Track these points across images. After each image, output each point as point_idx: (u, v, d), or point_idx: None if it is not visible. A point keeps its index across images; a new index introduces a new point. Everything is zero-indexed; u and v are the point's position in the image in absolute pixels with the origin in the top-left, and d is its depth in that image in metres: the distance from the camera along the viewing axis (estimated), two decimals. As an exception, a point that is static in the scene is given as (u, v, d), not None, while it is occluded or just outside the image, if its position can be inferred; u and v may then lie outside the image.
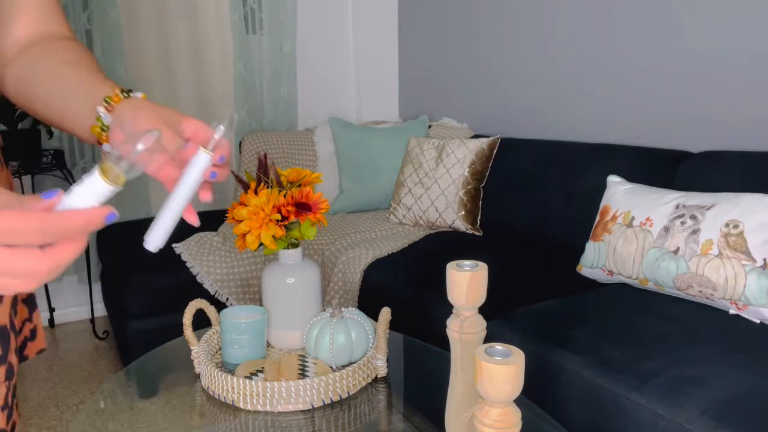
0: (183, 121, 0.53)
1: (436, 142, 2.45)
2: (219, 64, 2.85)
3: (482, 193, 2.35)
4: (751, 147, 1.76)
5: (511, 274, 1.78)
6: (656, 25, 1.99)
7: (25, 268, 0.36)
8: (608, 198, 1.71)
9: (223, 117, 0.52)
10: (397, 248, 2.09)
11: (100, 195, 0.40)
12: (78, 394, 2.17)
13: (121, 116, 0.52)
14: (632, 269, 1.55)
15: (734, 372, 1.12)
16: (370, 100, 3.26)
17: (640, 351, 1.22)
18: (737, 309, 1.36)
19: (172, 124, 0.52)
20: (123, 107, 0.53)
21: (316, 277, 1.25)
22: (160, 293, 2.04)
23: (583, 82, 2.26)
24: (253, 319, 1.16)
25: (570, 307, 1.48)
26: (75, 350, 2.53)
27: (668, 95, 1.98)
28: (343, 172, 2.70)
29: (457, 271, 0.76)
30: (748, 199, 1.39)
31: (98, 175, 0.40)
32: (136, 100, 0.54)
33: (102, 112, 0.53)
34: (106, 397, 1.14)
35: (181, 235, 2.26)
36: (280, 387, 1.02)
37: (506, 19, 2.57)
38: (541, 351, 1.30)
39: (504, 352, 0.64)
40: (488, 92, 2.72)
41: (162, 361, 1.31)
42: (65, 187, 1.69)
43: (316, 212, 1.20)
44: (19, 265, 0.36)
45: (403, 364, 1.24)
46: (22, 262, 0.36)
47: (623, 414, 1.12)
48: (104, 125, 0.53)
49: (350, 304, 1.98)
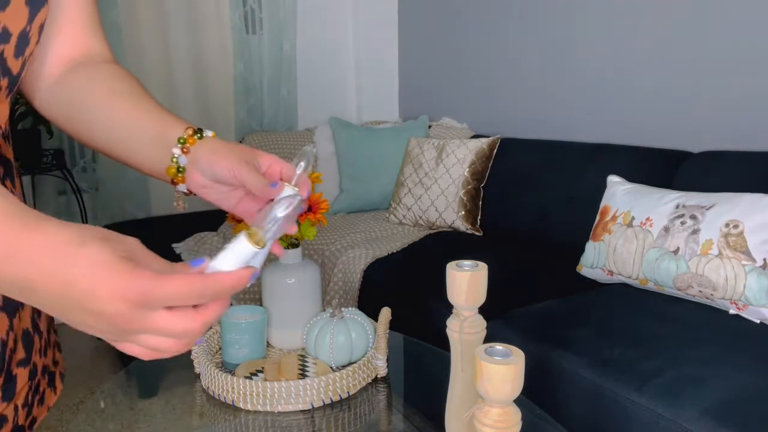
0: (260, 157, 0.54)
1: (436, 142, 2.45)
2: (219, 64, 2.85)
3: (482, 193, 2.35)
4: (751, 147, 1.76)
5: (511, 274, 1.78)
6: (656, 25, 1.99)
7: (182, 329, 0.38)
8: (608, 198, 1.71)
9: (304, 152, 0.54)
10: (397, 248, 2.09)
11: (245, 257, 0.43)
12: (78, 394, 2.17)
13: (198, 157, 0.54)
14: (632, 269, 1.55)
15: (734, 372, 1.12)
16: (370, 100, 3.27)
17: (640, 351, 1.22)
18: (737, 309, 1.36)
19: (250, 160, 0.53)
20: (199, 148, 0.54)
21: (316, 277, 1.25)
22: (160, 293, 2.04)
23: (583, 82, 2.26)
24: (253, 319, 1.16)
25: (570, 307, 1.48)
26: (75, 350, 2.53)
27: (668, 95, 1.98)
28: (343, 172, 2.70)
29: (457, 271, 0.76)
30: (748, 199, 1.39)
31: (245, 239, 0.43)
32: (211, 141, 0.55)
33: (177, 154, 0.54)
34: (106, 397, 1.14)
35: (181, 235, 2.27)
36: (280, 387, 1.02)
37: (506, 20, 2.57)
38: (541, 351, 1.30)
39: (504, 352, 0.64)
40: (488, 92, 2.72)
41: (162, 361, 1.30)
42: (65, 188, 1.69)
43: (316, 212, 1.20)
44: (178, 326, 0.38)
45: (403, 364, 1.24)
46: (180, 323, 0.38)
47: (623, 414, 1.12)
48: (180, 167, 0.55)
49: (350, 304, 1.98)
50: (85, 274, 0.36)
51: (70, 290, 0.36)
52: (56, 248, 0.36)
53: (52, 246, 0.36)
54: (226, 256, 0.42)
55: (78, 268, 0.36)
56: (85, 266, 0.36)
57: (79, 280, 0.36)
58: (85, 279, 0.36)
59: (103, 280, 0.36)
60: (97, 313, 0.36)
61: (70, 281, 0.36)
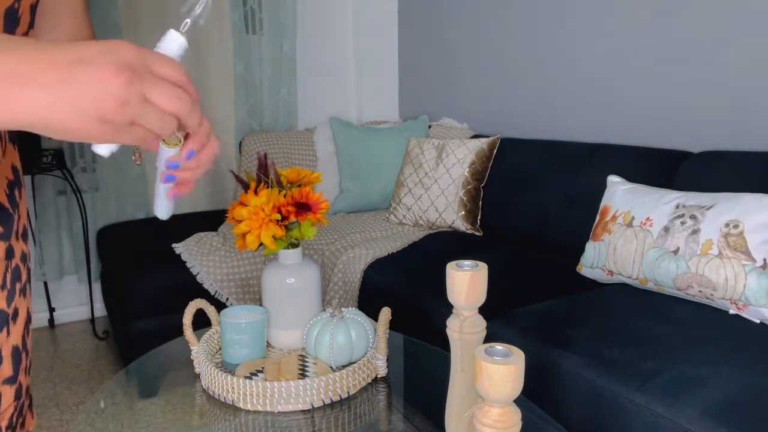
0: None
1: (436, 142, 2.45)
2: (219, 64, 2.85)
3: (482, 193, 2.35)
4: (751, 147, 1.76)
5: (511, 274, 1.78)
6: (656, 25, 1.99)
7: (181, 73, 0.43)
8: (608, 198, 1.71)
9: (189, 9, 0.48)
10: (397, 248, 2.09)
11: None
12: (78, 394, 2.17)
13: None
14: (632, 269, 1.55)
15: (734, 372, 1.12)
16: (370, 100, 3.26)
17: (640, 351, 1.22)
18: (737, 309, 1.36)
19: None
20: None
21: (316, 277, 1.25)
22: (160, 293, 2.04)
23: (583, 82, 2.26)
24: (253, 319, 1.16)
25: (570, 307, 1.48)
26: (75, 350, 2.53)
27: (668, 95, 1.98)
28: (343, 172, 2.70)
29: (457, 271, 0.76)
30: (748, 199, 1.39)
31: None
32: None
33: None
34: (106, 397, 1.14)
35: (181, 235, 2.27)
36: (280, 387, 1.02)
37: (506, 19, 2.57)
38: (541, 351, 1.30)
39: (504, 352, 0.64)
40: (488, 92, 2.72)
41: (162, 361, 1.31)
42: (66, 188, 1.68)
43: (316, 212, 1.20)
44: (178, 70, 0.42)
45: (403, 364, 1.24)
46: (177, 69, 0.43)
47: (623, 414, 1.12)
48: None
49: (350, 304, 1.98)
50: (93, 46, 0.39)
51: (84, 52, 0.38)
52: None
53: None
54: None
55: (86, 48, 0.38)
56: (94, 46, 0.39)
57: (90, 46, 0.38)
58: (96, 44, 0.39)
59: (109, 40, 0.39)
60: (114, 60, 0.38)
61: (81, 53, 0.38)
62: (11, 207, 0.56)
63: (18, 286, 0.57)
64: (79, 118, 0.37)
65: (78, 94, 0.37)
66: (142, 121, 0.40)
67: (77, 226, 2.66)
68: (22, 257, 0.58)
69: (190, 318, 1.17)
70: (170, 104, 0.41)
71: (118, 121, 0.39)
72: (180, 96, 0.41)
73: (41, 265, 2.62)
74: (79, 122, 0.38)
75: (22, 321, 0.58)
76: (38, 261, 2.62)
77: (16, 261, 0.57)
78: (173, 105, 0.41)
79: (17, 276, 0.57)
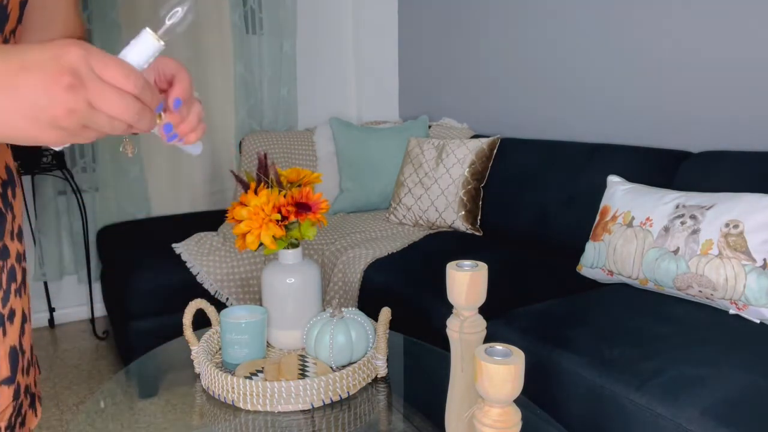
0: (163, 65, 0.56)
1: (436, 142, 2.45)
2: (219, 64, 2.85)
3: (482, 193, 2.35)
4: (751, 147, 1.76)
5: (511, 274, 1.78)
6: (656, 26, 1.99)
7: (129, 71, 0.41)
8: (608, 198, 1.71)
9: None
10: (397, 248, 2.09)
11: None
12: (78, 394, 2.17)
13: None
14: (632, 269, 1.55)
15: (734, 372, 1.12)
16: (370, 100, 3.26)
17: (640, 351, 1.22)
18: (737, 309, 1.36)
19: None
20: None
21: (316, 277, 1.25)
22: (160, 293, 2.04)
23: (583, 83, 2.26)
24: (253, 319, 1.16)
25: (570, 307, 1.48)
26: (75, 350, 2.53)
27: (668, 95, 1.98)
28: (343, 172, 2.70)
29: (457, 271, 0.76)
30: (748, 199, 1.39)
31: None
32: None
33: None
34: (106, 397, 1.14)
35: (181, 235, 2.27)
36: (280, 387, 1.02)
37: (506, 19, 2.57)
38: (541, 351, 1.31)
39: (504, 352, 0.64)
40: (488, 92, 2.72)
41: (162, 361, 1.31)
42: (66, 188, 1.69)
43: (316, 212, 1.20)
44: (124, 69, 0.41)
45: (403, 364, 1.24)
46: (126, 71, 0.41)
47: (623, 414, 1.12)
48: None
49: (350, 304, 1.98)
50: (37, 49, 0.38)
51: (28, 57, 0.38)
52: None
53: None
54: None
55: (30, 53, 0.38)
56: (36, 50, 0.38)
57: (35, 51, 0.38)
58: (41, 49, 0.38)
59: (56, 42, 0.39)
60: (57, 66, 0.38)
61: (25, 61, 0.38)
62: (4, 207, 0.56)
63: (13, 286, 0.57)
64: (34, 126, 0.38)
65: (25, 103, 0.37)
66: (92, 125, 0.40)
67: (77, 226, 2.66)
68: (17, 257, 0.58)
69: (190, 318, 1.17)
70: (115, 111, 0.40)
71: (70, 127, 0.39)
72: (126, 102, 0.41)
73: (41, 265, 2.62)
74: (35, 130, 0.38)
75: (18, 321, 0.57)
76: (38, 261, 2.62)
77: (11, 261, 0.56)
78: (118, 112, 0.41)
79: (12, 276, 0.57)
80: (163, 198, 2.81)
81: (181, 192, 2.85)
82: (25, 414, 0.61)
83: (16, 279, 0.57)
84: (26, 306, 0.60)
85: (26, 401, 0.61)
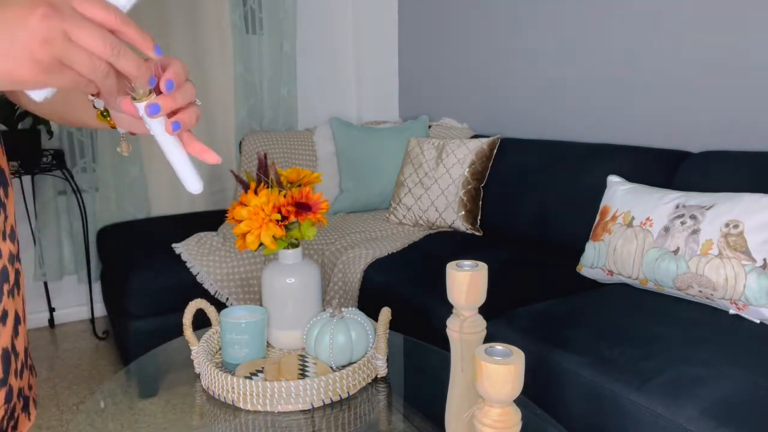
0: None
1: (436, 142, 2.45)
2: (219, 64, 2.85)
3: (482, 193, 2.35)
4: (751, 147, 1.76)
5: (511, 274, 1.78)
6: (656, 26, 1.99)
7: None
8: (608, 198, 1.71)
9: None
10: (397, 248, 2.09)
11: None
12: (78, 394, 2.17)
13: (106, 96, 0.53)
14: (632, 269, 1.55)
15: (734, 372, 1.12)
16: (370, 100, 3.26)
17: (640, 351, 1.22)
18: (737, 309, 1.36)
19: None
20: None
21: (316, 277, 1.25)
22: (160, 293, 2.04)
23: (583, 83, 2.26)
24: (253, 319, 1.16)
25: (570, 307, 1.48)
26: (75, 350, 2.53)
27: (668, 95, 1.98)
28: (343, 172, 2.70)
29: (457, 271, 0.76)
30: (748, 199, 1.39)
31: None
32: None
33: (91, 99, 0.53)
34: (106, 397, 1.14)
35: (181, 235, 2.27)
36: (280, 387, 1.02)
37: (506, 20, 2.57)
38: (541, 351, 1.30)
39: (504, 352, 0.64)
40: (488, 92, 2.72)
41: (162, 361, 1.31)
42: (66, 188, 1.68)
43: (316, 212, 1.20)
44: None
45: (403, 364, 1.24)
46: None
47: (623, 414, 1.12)
48: (103, 111, 0.54)
49: (350, 304, 1.98)
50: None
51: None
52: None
53: None
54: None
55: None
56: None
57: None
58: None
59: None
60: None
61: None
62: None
63: (6, 287, 0.56)
64: (8, 60, 0.38)
65: (5, 37, 0.37)
66: (68, 61, 0.39)
67: (77, 226, 2.66)
68: (10, 258, 0.57)
69: (190, 318, 1.17)
70: (93, 44, 0.39)
71: (45, 60, 0.38)
72: (104, 35, 0.40)
73: (41, 265, 2.62)
74: (9, 63, 0.38)
75: (11, 323, 0.57)
76: (38, 261, 2.62)
77: (3, 262, 0.56)
78: (96, 45, 0.40)
79: (5, 277, 0.56)
80: (163, 198, 2.81)
81: (180, 192, 2.85)
82: (18, 417, 0.60)
83: (8, 280, 0.57)
84: (20, 307, 0.59)
85: (19, 404, 0.60)
